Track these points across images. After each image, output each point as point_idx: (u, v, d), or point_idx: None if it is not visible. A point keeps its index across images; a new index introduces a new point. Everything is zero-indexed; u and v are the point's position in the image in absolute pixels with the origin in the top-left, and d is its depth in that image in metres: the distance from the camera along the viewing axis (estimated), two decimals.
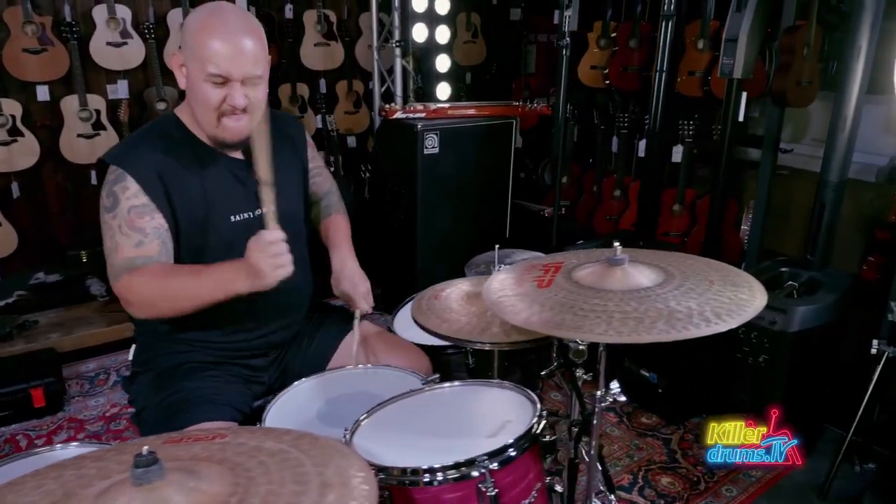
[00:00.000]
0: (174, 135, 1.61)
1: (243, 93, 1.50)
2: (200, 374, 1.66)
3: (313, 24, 4.44)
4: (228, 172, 1.65)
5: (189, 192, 1.59)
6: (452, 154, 3.22)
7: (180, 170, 1.58)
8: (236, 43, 1.46)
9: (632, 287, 1.34)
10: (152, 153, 1.57)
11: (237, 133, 1.56)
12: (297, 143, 1.86)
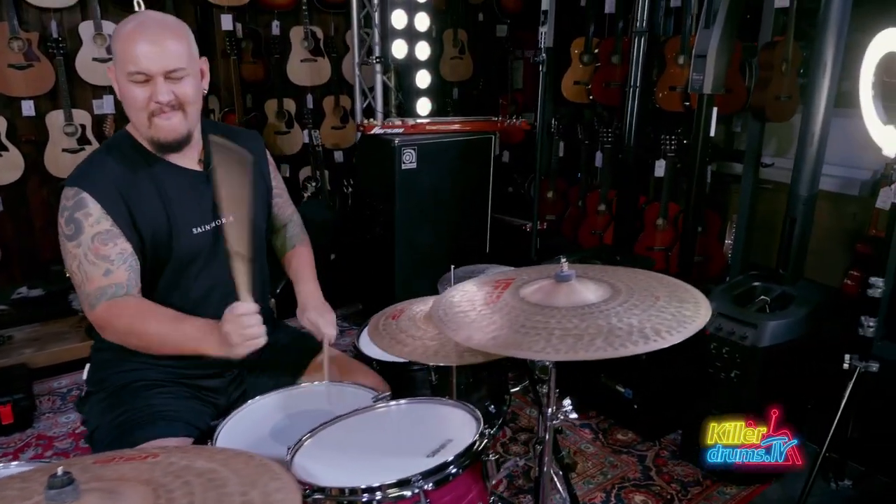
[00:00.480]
0: (128, 150, 1.62)
1: (168, 88, 1.51)
2: (152, 391, 1.66)
3: (300, 41, 4.48)
4: (187, 185, 1.66)
5: (150, 207, 1.60)
6: (431, 169, 3.23)
7: (139, 185, 1.59)
8: (153, 40, 1.49)
9: (577, 303, 1.34)
10: (111, 171, 1.58)
11: (170, 131, 1.57)
12: (259, 161, 1.86)
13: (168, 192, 1.63)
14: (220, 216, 1.70)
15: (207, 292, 1.70)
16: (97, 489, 0.96)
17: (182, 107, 1.56)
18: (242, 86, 4.37)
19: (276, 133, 4.55)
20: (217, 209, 1.70)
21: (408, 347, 1.60)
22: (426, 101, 3.63)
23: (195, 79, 1.59)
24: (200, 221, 1.67)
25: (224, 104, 4.30)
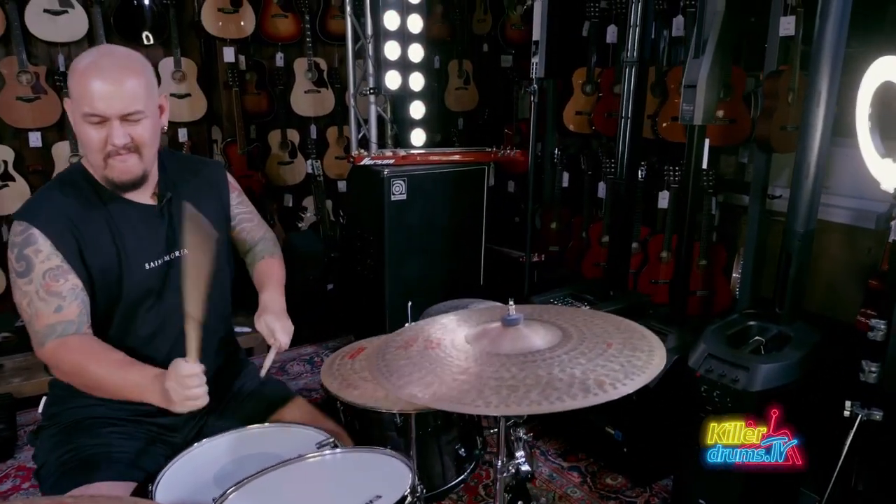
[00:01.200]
0: (81, 184, 1.60)
1: (124, 131, 1.47)
2: (102, 429, 1.61)
3: (304, 72, 4.51)
4: (140, 219, 1.63)
5: (101, 242, 1.57)
6: (421, 200, 3.18)
7: (90, 221, 1.56)
8: (109, 81, 1.44)
9: (521, 350, 1.26)
10: (62, 205, 1.56)
11: (126, 173, 1.53)
12: (219, 189, 1.83)
13: (120, 228, 1.60)
14: (172, 250, 1.66)
15: (159, 328, 1.66)
16: None
17: (138, 149, 1.53)
18: (246, 117, 4.40)
19: (279, 163, 4.57)
20: (169, 243, 1.66)
21: (357, 391, 1.53)
22: (420, 131, 3.59)
23: (153, 119, 1.55)
24: (152, 256, 1.64)
25: (227, 135, 4.32)
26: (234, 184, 1.89)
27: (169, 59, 4.07)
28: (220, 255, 1.82)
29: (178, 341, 1.68)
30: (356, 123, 3.67)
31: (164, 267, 1.64)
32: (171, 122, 4.15)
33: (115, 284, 1.59)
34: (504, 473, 1.42)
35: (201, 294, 1.40)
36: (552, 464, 2.70)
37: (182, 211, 1.66)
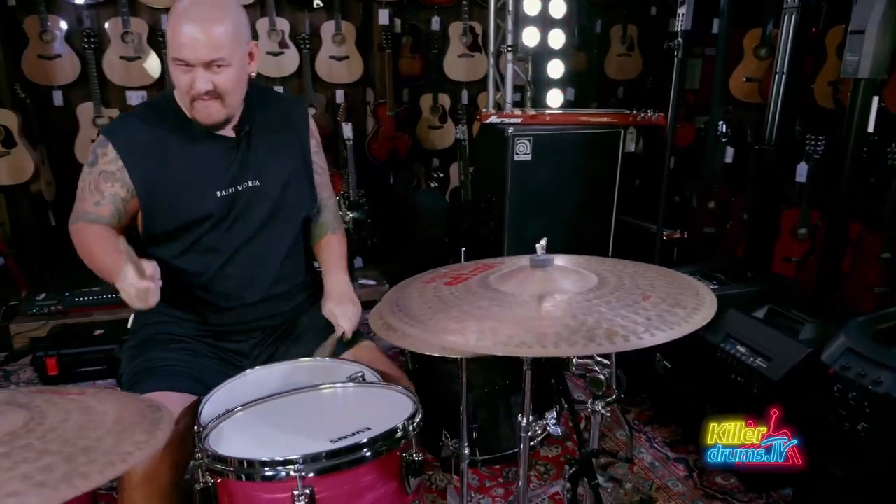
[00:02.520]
0: (165, 111, 1.69)
1: (207, 78, 1.52)
2: (172, 345, 1.71)
3: (458, 36, 4.50)
4: (215, 149, 1.69)
5: (173, 167, 1.65)
6: (547, 162, 3.03)
7: (164, 145, 1.65)
8: (195, 29, 1.49)
9: (541, 292, 1.13)
10: (137, 128, 1.66)
11: (208, 117, 1.60)
12: (299, 128, 1.83)
13: (195, 156, 1.66)
14: (243, 180, 1.71)
15: (226, 254, 1.72)
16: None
17: (220, 96, 1.57)
18: (399, 80, 4.49)
19: (429, 127, 4.62)
20: (240, 174, 1.71)
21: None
22: (557, 92, 3.41)
23: (237, 68, 1.58)
24: (223, 185, 1.68)
25: (378, 96, 4.45)
26: (314, 131, 1.88)
27: (330, 22, 4.26)
28: (301, 193, 1.83)
29: (245, 268, 1.75)
30: (494, 84, 3.58)
31: (233, 195, 1.69)
32: (329, 84, 4.40)
33: (186, 207, 1.66)
34: (528, 432, 1.29)
35: None
36: (657, 452, 2.47)
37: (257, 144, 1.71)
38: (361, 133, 4.47)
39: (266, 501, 1.02)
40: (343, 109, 4.41)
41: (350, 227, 4.24)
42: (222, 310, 1.76)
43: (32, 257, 3.76)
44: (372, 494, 1.05)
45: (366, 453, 1.05)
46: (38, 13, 3.71)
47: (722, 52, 3.73)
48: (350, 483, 1.04)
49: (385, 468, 1.08)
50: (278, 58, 4.22)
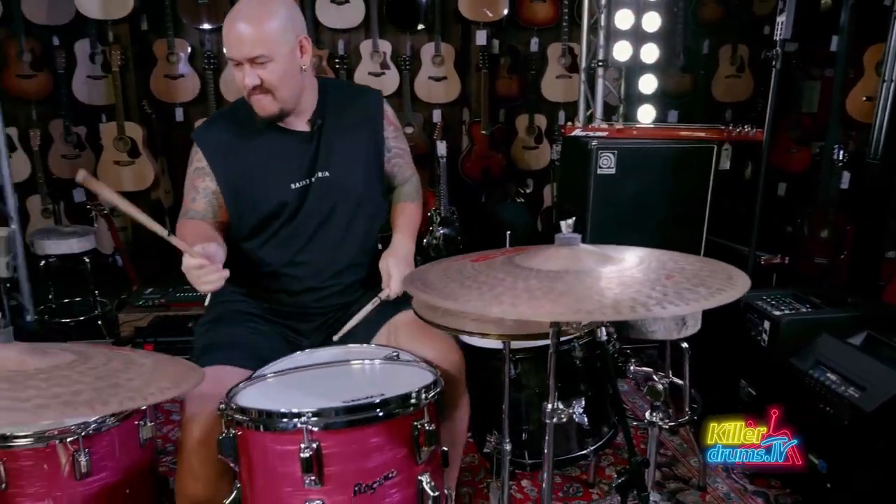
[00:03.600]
0: (244, 112, 1.79)
1: (254, 73, 1.62)
2: (240, 323, 1.80)
3: (557, 57, 4.51)
4: (290, 143, 1.77)
5: (250, 162, 1.75)
6: (633, 176, 2.93)
7: (243, 142, 1.75)
8: (238, 28, 1.59)
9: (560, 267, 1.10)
10: (220, 128, 1.79)
11: (262, 110, 1.69)
12: (374, 118, 1.88)
13: (270, 151, 1.75)
14: (315, 172, 1.78)
15: (297, 244, 1.79)
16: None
17: (269, 90, 1.66)
18: (496, 100, 4.55)
19: (524, 148, 4.63)
20: (313, 166, 1.79)
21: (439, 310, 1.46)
22: (649, 107, 3.31)
23: (281, 63, 1.64)
24: (297, 177, 1.76)
25: (473, 115, 4.52)
26: (390, 118, 1.93)
27: (431, 44, 4.39)
28: (370, 183, 1.89)
29: (317, 256, 1.81)
30: (584, 100, 3.54)
31: (306, 186, 1.77)
32: (427, 104, 4.53)
33: (264, 198, 1.75)
34: (552, 419, 1.24)
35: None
36: (735, 483, 2.28)
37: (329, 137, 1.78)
38: (456, 151, 4.54)
39: (277, 453, 1.05)
40: (439, 129, 4.50)
41: (440, 243, 4.30)
42: (293, 294, 1.83)
43: (149, 258, 4.08)
44: (380, 457, 1.05)
45: (375, 413, 1.05)
46: (167, 36, 4.09)
47: (841, 71, 3.50)
48: (357, 442, 1.04)
49: (395, 433, 1.07)
50: (380, 78, 4.39)
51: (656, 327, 2.17)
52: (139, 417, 1.55)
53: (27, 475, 1.38)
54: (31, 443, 1.37)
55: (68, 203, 4.23)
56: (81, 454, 1.40)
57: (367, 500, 1.04)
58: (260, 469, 1.08)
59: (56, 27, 4.02)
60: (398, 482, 1.06)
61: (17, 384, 0.97)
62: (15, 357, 1.03)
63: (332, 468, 1.02)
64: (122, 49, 3.96)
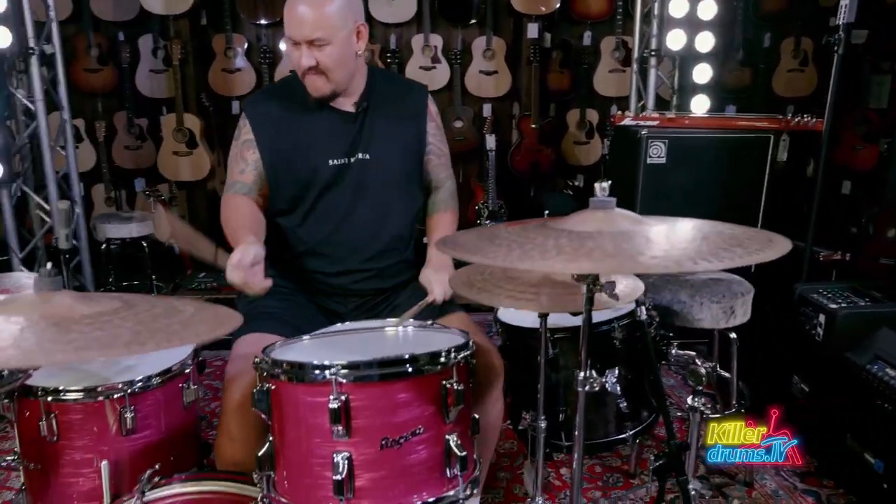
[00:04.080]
0: (294, 87, 1.84)
1: (310, 54, 1.65)
2: (281, 297, 1.83)
3: (611, 51, 4.45)
4: (333, 121, 1.81)
5: (293, 135, 1.79)
6: (684, 167, 2.86)
7: (289, 116, 1.79)
8: (299, 10, 1.63)
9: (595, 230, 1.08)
10: (269, 102, 1.84)
11: (315, 90, 1.72)
12: (418, 111, 1.89)
13: (315, 127, 1.79)
14: (356, 153, 1.81)
15: (334, 221, 1.82)
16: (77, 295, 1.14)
17: (324, 72, 1.69)
18: (547, 94, 4.52)
19: (575, 143, 4.58)
20: (354, 146, 1.81)
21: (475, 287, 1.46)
22: (703, 98, 3.23)
23: (338, 46, 1.68)
24: (337, 155, 1.79)
25: (523, 109, 4.50)
26: (433, 115, 1.94)
27: (482, 38, 4.40)
28: (409, 171, 1.90)
29: (353, 236, 1.83)
30: (636, 91, 3.48)
31: (345, 165, 1.79)
32: (477, 98, 4.53)
33: (303, 172, 1.78)
34: (584, 388, 1.22)
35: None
36: (784, 481, 2.20)
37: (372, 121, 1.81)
38: (505, 145, 4.53)
39: (307, 405, 1.06)
40: (489, 123, 4.51)
41: None
42: (328, 275, 1.86)
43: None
44: (408, 413, 1.05)
45: (404, 369, 1.06)
46: (225, 32, 4.22)
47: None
48: (386, 397, 1.05)
49: (423, 390, 1.06)
50: (430, 72, 4.42)
51: (703, 315, 2.12)
52: (183, 380, 1.60)
53: (77, 429, 1.45)
54: (82, 398, 1.44)
55: (130, 192, 4.40)
56: (127, 411, 1.46)
57: (394, 454, 1.04)
58: (291, 421, 1.09)
59: (122, 23, 4.19)
60: (425, 439, 1.06)
61: (63, 328, 1.01)
62: (63, 303, 1.07)
63: (360, 421, 1.03)
64: (183, 44, 4.10)
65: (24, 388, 1.44)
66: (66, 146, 3.32)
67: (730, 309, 2.11)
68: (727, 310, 2.10)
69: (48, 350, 0.97)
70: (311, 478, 1.06)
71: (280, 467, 1.12)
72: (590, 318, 1.16)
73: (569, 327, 1.76)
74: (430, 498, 1.07)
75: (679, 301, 2.11)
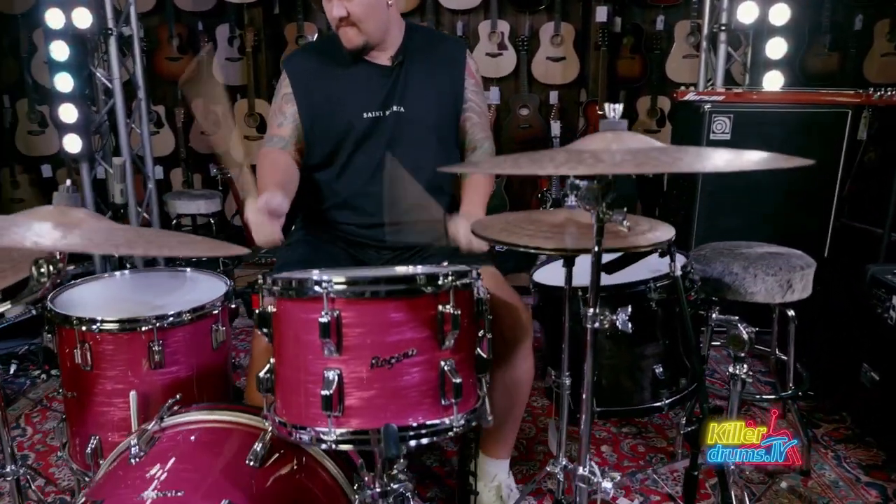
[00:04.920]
0: (333, 43, 1.87)
1: (341, 5, 1.68)
2: (314, 245, 1.86)
3: (685, 36, 4.29)
4: (369, 74, 1.82)
5: (329, 88, 1.81)
6: (750, 144, 2.66)
7: (326, 70, 1.83)
8: None
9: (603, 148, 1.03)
10: (308, 56, 1.89)
11: (348, 42, 1.74)
12: (456, 66, 1.88)
13: (351, 81, 1.81)
14: (389, 106, 1.81)
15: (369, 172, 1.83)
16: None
17: (355, 23, 1.72)
18: (616, 81, 4.40)
19: (645, 131, 4.44)
20: (388, 99, 1.81)
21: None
22: (777, 74, 3.04)
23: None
24: (371, 107, 1.80)
25: (591, 95, 4.39)
26: (472, 70, 1.91)
27: (550, 23, 4.33)
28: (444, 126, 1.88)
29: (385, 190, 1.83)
30: (705, 68, 3.33)
31: (379, 118, 1.80)
32: (544, 85, 4.47)
33: (337, 125, 1.81)
34: (595, 324, 1.15)
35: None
36: (846, 473, 2.03)
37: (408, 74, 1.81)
38: (571, 132, 4.44)
39: (301, 322, 1.05)
40: (556, 110, 4.44)
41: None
42: (362, 226, 1.87)
43: None
44: (400, 333, 1.02)
45: (397, 287, 1.04)
46: (297, 20, 4.34)
47: None
48: (378, 315, 1.02)
49: (418, 312, 1.03)
50: (496, 59, 4.40)
51: (756, 287, 1.99)
52: (213, 321, 1.65)
53: (109, 359, 1.51)
54: (115, 329, 1.50)
55: (205, 175, 4.59)
56: (156, 344, 1.51)
57: (384, 374, 1.02)
58: (287, 339, 1.10)
59: (200, 13, 4.39)
60: (418, 362, 1.03)
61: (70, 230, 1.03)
62: (79, 216, 1.12)
63: (351, 339, 1.01)
64: (256, 32, 4.25)
65: (63, 318, 1.52)
66: (141, 124, 3.49)
67: (787, 282, 1.97)
68: (784, 283, 1.96)
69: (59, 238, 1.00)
70: (304, 395, 1.06)
71: (278, 388, 1.12)
72: (600, 249, 1.11)
73: (602, 286, 1.68)
74: (422, 422, 1.04)
75: (731, 273, 1.99)
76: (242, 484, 1.19)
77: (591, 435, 2.20)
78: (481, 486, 1.87)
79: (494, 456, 1.87)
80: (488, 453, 1.88)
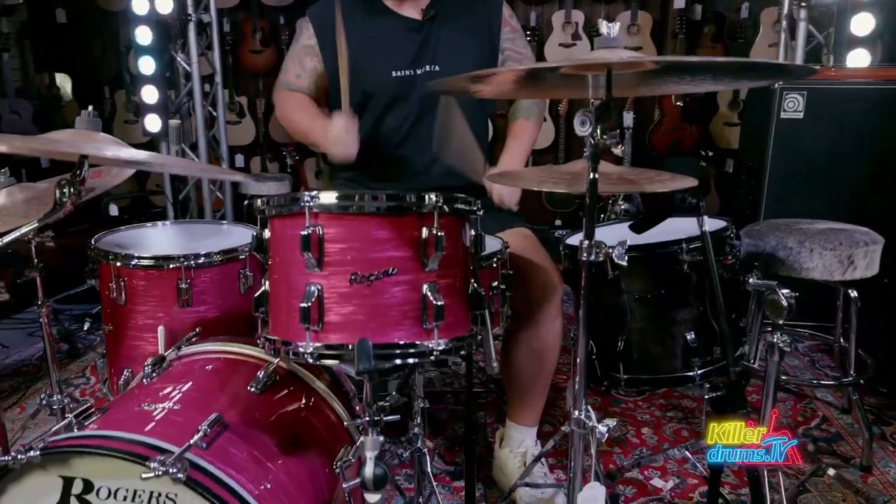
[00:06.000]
0: None
1: None
2: None
3: (771, 24, 4.08)
4: (397, 28, 1.77)
5: (355, 42, 1.69)
6: (824, 123, 2.51)
7: (353, 22, 1.73)
8: None
9: None
10: (331, 9, 1.75)
11: None
12: (491, 16, 1.83)
13: (380, 35, 1.77)
14: (421, 65, 1.76)
15: (401, 133, 1.80)
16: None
17: None
18: None
19: (724, 124, 4.26)
20: (419, 57, 1.77)
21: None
22: (863, 52, 2.81)
23: None
24: (401, 66, 1.76)
25: None
26: (509, 19, 1.86)
27: (626, 13, 4.23)
28: None
29: (420, 154, 1.79)
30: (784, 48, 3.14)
31: (411, 77, 1.76)
32: None
33: (365, 82, 1.74)
34: (589, 257, 1.10)
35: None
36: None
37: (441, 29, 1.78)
38: (646, 123, 4.31)
39: (287, 238, 1.05)
40: (630, 101, 4.32)
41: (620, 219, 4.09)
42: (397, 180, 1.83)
43: None
44: (381, 251, 1.00)
45: (379, 204, 1.02)
46: None
47: None
48: (358, 230, 1.00)
49: (400, 230, 1.00)
50: (570, 49, 4.34)
51: (812, 263, 1.84)
52: (241, 266, 1.69)
53: (141, 294, 1.59)
54: (146, 265, 1.58)
55: (281, 163, 4.77)
56: (183, 282, 1.57)
57: (364, 290, 1.01)
58: (276, 257, 1.11)
59: (282, 7, 4.57)
60: (400, 282, 1.01)
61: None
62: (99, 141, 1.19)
63: (333, 254, 1.01)
64: None
65: (103, 254, 1.61)
66: (216, 108, 3.67)
67: (847, 259, 1.81)
68: (844, 259, 1.81)
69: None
70: (287, 311, 1.06)
71: (270, 308, 1.13)
72: (595, 173, 1.06)
73: (636, 245, 1.60)
74: (402, 342, 1.03)
75: (785, 247, 1.86)
76: (239, 406, 1.21)
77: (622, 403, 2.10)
78: (507, 453, 1.83)
79: (521, 422, 1.83)
80: (515, 419, 1.83)
